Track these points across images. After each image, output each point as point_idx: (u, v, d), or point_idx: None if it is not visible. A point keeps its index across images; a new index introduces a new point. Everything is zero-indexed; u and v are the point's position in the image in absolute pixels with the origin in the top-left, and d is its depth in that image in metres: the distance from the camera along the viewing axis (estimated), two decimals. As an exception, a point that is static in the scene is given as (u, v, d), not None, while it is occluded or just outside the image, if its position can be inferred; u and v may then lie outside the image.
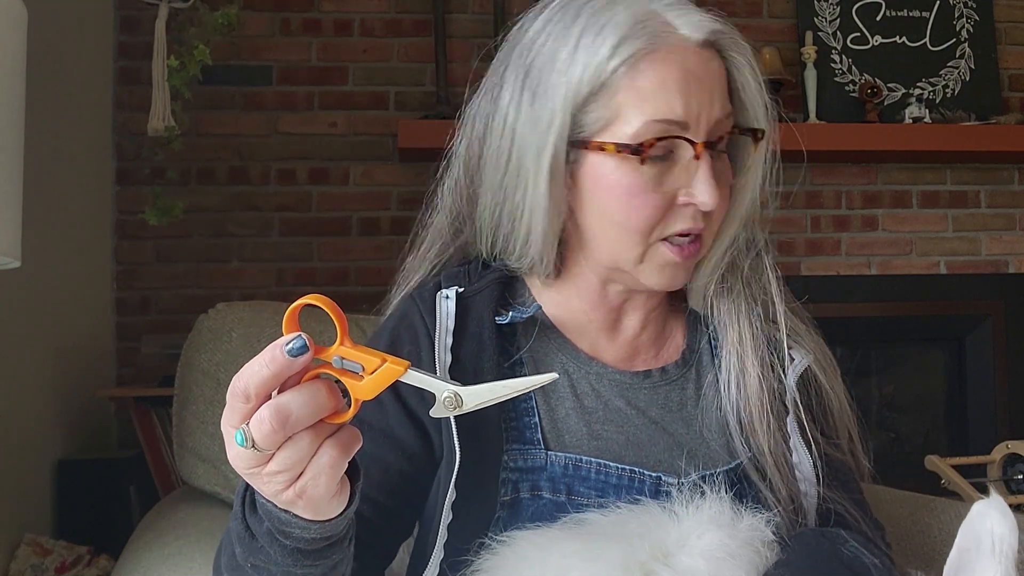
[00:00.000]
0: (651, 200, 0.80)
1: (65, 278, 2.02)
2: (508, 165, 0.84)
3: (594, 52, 0.78)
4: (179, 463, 1.23)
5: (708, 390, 0.89)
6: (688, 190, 0.80)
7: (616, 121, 0.79)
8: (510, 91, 0.84)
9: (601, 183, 0.81)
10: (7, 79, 0.91)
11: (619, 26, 0.78)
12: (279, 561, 0.64)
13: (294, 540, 0.63)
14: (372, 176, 2.48)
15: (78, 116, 2.13)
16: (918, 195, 2.68)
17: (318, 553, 0.65)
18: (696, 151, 0.79)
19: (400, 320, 0.88)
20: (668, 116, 0.78)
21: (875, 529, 0.90)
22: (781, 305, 0.90)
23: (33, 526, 1.75)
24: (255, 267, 2.43)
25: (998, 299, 2.66)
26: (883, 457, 2.73)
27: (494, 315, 0.86)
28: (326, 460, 0.58)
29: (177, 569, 0.97)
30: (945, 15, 2.68)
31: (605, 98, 0.79)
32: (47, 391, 1.89)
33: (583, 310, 0.90)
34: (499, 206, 0.86)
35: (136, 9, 2.27)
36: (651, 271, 0.83)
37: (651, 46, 0.78)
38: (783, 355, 0.89)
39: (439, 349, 0.83)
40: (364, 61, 2.51)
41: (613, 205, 0.81)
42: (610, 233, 0.82)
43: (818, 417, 0.89)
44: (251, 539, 0.65)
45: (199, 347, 1.24)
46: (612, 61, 0.78)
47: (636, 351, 0.91)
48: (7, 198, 0.91)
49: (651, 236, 0.81)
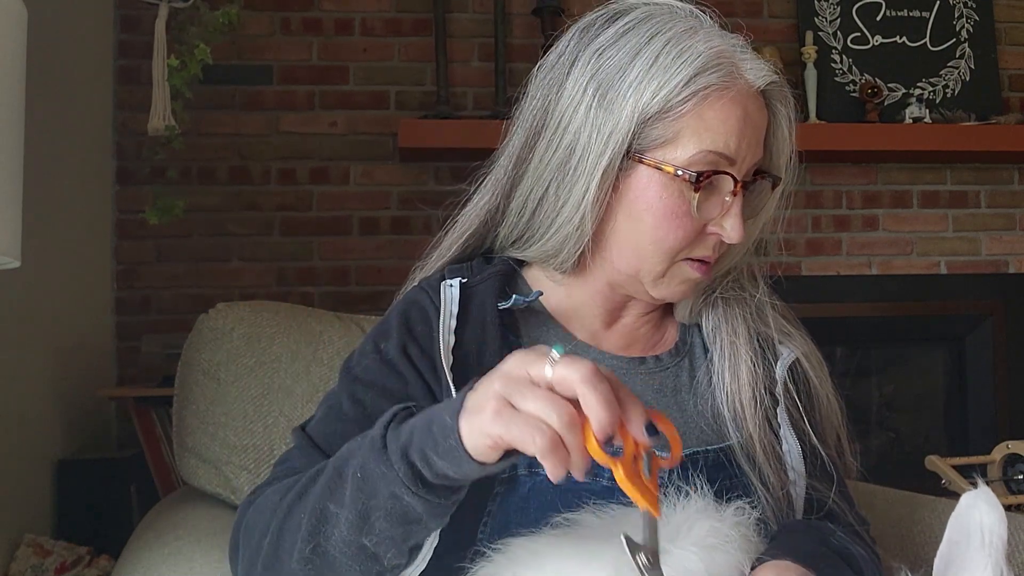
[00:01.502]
0: (687, 224, 0.84)
1: (65, 278, 2.02)
2: (561, 159, 0.87)
3: (671, 76, 0.82)
4: (179, 463, 1.23)
5: (701, 379, 0.92)
6: (720, 222, 0.85)
7: (673, 143, 0.83)
8: (576, 90, 0.86)
9: (645, 197, 0.85)
10: (7, 79, 0.91)
11: (698, 57, 0.82)
12: (404, 500, 0.66)
13: (441, 477, 0.64)
14: (372, 176, 2.48)
15: (78, 116, 2.13)
16: (918, 195, 2.68)
17: (447, 506, 0.68)
18: (735, 189, 0.84)
19: (409, 304, 0.91)
20: (722, 151, 0.83)
21: (860, 523, 0.92)
22: (769, 307, 0.95)
23: (33, 526, 1.75)
24: (255, 267, 2.43)
25: (998, 299, 2.66)
26: (883, 457, 2.73)
27: (496, 301, 0.89)
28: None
29: (177, 569, 0.97)
30: (945, 15, 2.68)
31: (671, 119, 0.83)
32: (47, 391, 1.88)
33: (585, 304, 0.93)
34: (538, 195, 0.89)
35: (136, 9, 2.27)
36: (667, 286, 0.89)
37: (723, 84, 0.83)
38: (774, 350, 0.93)
39: (443, 331, 0.85)
40: (364, 61, 2.51)
41: (652, 221, 0.85)
42: (641, 245, 0.87)
43: (807, 410, 0.92)
44: (382, 471, 0.66)
45: (199, 347, 1.24)
46: (686, 89, 0.82)
47: (633, 341, 0.95)
48: (7, 198, 0.91)
49: (677, 256, 0.87)
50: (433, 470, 0.64)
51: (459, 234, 0.96)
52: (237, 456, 1.19)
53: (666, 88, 0.82)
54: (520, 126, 0.92)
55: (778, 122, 0.89)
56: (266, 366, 1.22)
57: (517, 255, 0.94)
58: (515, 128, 0.93)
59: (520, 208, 0.91)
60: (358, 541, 0.68)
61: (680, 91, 0.82)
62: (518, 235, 0.92)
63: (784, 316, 0.97)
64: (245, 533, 0.78)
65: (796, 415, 0.91)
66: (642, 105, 0.82)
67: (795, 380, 0.92)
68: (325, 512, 0.70)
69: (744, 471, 0.88)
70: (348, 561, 0.70)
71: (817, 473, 0.91)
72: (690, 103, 0.82)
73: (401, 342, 0.87)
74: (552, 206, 0.88)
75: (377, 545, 0.68)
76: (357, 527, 0.68)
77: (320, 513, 0.70)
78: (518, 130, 0.92)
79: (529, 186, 0.90)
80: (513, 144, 0.92)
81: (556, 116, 0.87)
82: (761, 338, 0.93)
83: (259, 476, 1.18)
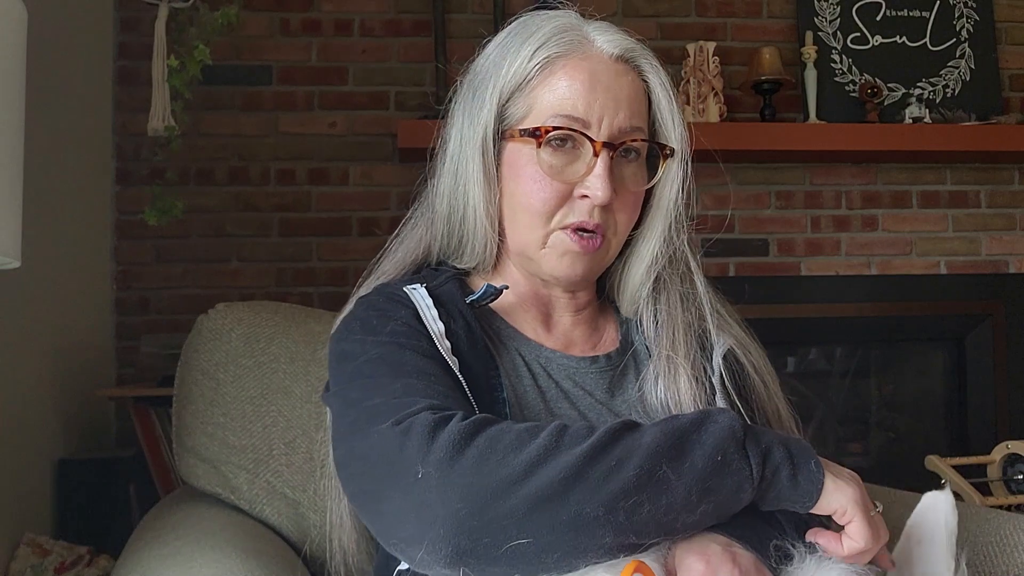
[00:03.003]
0: (550, 186, 0.89)
1: (65, 278, 2.02)
2: (455, 158, 0.94)
3: (519, 53, 0.91)
4: (179, 463, 1.23)
5: (646, 376, 0.95)
6: (584, 183, 0.89)
7: (530, 114, 0.90)
8: (460, 99, 0.96)
9: (513, 169, 0.91)
10: (7, 79, 0.91)
11: (542, 32, 0.91)
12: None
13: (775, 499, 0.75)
14: (372, 176, 2.48)
15: (78, 116, 2.13)
16: (918, 195, 2.68)
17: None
18: (595, 149, 0.88)
19: (379, 299, 0.92)
20: (570, 112, 0.88)
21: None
22: (707, 303, 0.97)
23: (33, 526, 1.75)
24: (254, 267, 2.43)
25: (998, 299, 2.66)
26: (883, 457, 2.73)
27: (464, 297, 0.92)
28: None
29: (177, 569, 0.97)
30: (945, 15, 2.68)
31: (525, 93, 0.90)
32: (47, 391, 1.89)
33: (521, 303, 0.97)
34: (453, 210, 0.95)
35: (136, 9, 2.27)
36: (553, 258, 0.92)
37: (567, 51, 0.90)
38: (710, 343, 0.96)
39: (428, 320, 0.87)
40: (364, 61, 2.51)
41: (518, 188, 0.91)
42: (517, 216, 0.92)
43: (743, 397, 0.94)
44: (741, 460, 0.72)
45: (199, 347, 1.24)
46: (532, 61, 0.90)
47: (571, 342, 0.98)
48: (7, 198, 0.91)
49: (551, 222, 0.90)
50: (778, 492, 0.75)
51: (395, 260, 1.00)
52: (236, 456, 1.19)
53: (516, 63, 0.90)
54: (437, 154, 0.99)
55: (654, 92, 0.93)
56: (265, 366, 1.22)
57: (459, 267, 0.98)
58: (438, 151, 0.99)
59: (445, 226, 0.97)
60: (674, 509, 0.70)
61: (527, 63, 0.90)
62: (452, 251, 0.98)
63: (720, 306, 0.99)
64: (491, 440, 0.70)
65: (731, 401, 0.93)
66: (500, 85, 0.91)
67: (730, 368, 0.95)
68: (655, 473, 0.69)
69: None
70: (643, 524, 0.69)
71: None
72: (538, 74, 0.90)
73: (401, 321, 0.87)
74: (462, 214, 0.94)
75: (677, 520, 0.71)
76: (683, 500, 0.70)
77: (650, 473, 0.69)
78: (436, 159, 0.99)
79: (445, 204, 0.96)
80: (432, 170, 0.99)
81: (450, 126, 0.96)
82: (700, 331, 0.96)
83: (258, 476, 1.18)
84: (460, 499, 0.67)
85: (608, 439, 0.71)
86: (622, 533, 0.68)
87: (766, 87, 2.50)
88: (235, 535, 1.07)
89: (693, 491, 0.70)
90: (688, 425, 0.73)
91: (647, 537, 0.70)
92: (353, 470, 0.78)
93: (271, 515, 1.18)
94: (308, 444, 1.20)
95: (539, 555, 0.67)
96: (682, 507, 0.70)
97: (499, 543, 0.66)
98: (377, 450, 0.74)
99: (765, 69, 2.49)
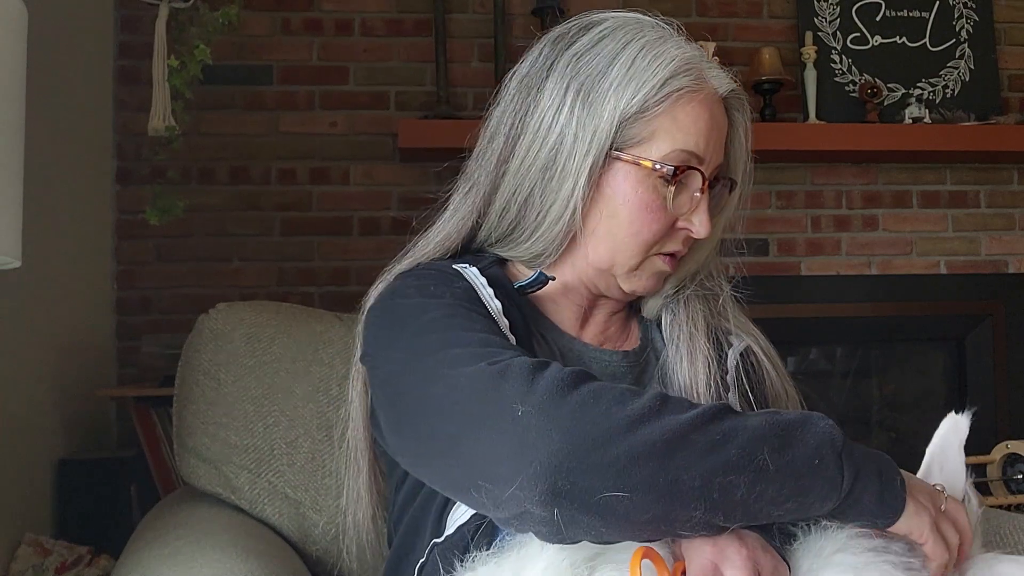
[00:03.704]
0: (661, 218, 0.90)
1: (65, 278, 2.02)
2: (545, 161, 0.90)
3: (648, 78, 0.88)
4: (179, 463, 1.23)
5: (664, 371, 0.96)
6: (688, 217, 0.91)
7: (649, 141, 0.89)
8: (556, 93, 0.91)
9: (623, 192, 0.90)
10: (7, 79, 0.91)
11: (672, 62, 0.89)
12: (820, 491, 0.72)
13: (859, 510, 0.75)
14: (372, 176, 2.48)
15: (78, 116, 2.13)
16: (918, 195, 2.68)
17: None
18: (703, 186, 0.90)
19: (429, 271, 0.92)
20: (693, 149, 0.89)
21: None
22: (731, 301, 1.00)
23: (33, 526, 1.75)
24: (256, 267, 2.43)
25: (998, 299, 2.66)
26: (883, 457, 2.73)
27: (511, 282, 0.94)
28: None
29: (177, 569, 0.97)
30: (945, 15, 2.68)
31: (647, 119, 0.89)
32: (47, 391, 1.88)
33: (562, 295, 0.97)
34: (521, 198, 0.92)
35: (136, 9, 2.27)
36: (639, 279, 0.94)
37: (694, 87, 0.89)
38: (728, 341, 0.99)
39: (486, 298, 0.88)
40: (365, 61, 2.51)
41: (629, 215, 0.90)
42: (618, 239, 0.91)
43: (759, 398, 0.96)
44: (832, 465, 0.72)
45: (200, 347, 1.24)
46: (662, 91, 0.88)
47: (605, 338, 1.00)
48: (7, 198, 0.91)
49: (650, 250, 0.92)
50: (860, 508, 0.75)
51: (440, 238, 0.97)
52: (237, 456, 1.19)
53: (644, 90, 0.88)
54: (497, 131, 0.95)
55: (736, 129, 0.96)
56: (266, 366, 1.22)
57: (502, 254, 0.97)
58: (489, 133, 0.96)
59: (502, 210, 0.94)
60: (764, 498, 0.70)
61: (656, 92, 0.88)
62: (499, 237, 0.96)
63: (741, 312, 1.02)
64: (594, 392, 0.70)
65: (746, 402, 0.94)
66: (622, 105, 0.88)
67: (746, 368, 0.96)
68: (755, 458, 0.69)
69: None
70: (733, 506, 0.69)
71: None
72: (665, 104, 0.88)
73: (463, 288, 0.88)
74: (537, 208, 0.92)
75: (763, 511, 0.71)
76: (775, 492, 0.70)
77: (750, 456, 0.69)
78: (495, 135, 0.95)
79: (511, 189, 0.93)
80: (492, 148, 0.95)
81: (536, 120, 0.91)
82: (718, 331, 0.98)
83: (259, 476, 1.18)
84: (563, 440, 0.66)
85: (712, 414, 0.71)
86: (712, 510, 0.68)
87: (766, 87, 2.50)
88: (236, 535, 1.07)
89: (787, 485, 0.70)
90: (793, 420, 0.73)
91: (733, 520, 0.70)
92: (430, 417, 0.75)
93: (272, 515, 1.18)
94: (310, 444, 1.20)
95: (630, 512, 0.66)
96: (772, 498, 0.70)
97: (596, 490, 0.65)
98: (466, 391, 0.72)
99: (765, 69, 2.49)
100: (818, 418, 0.75)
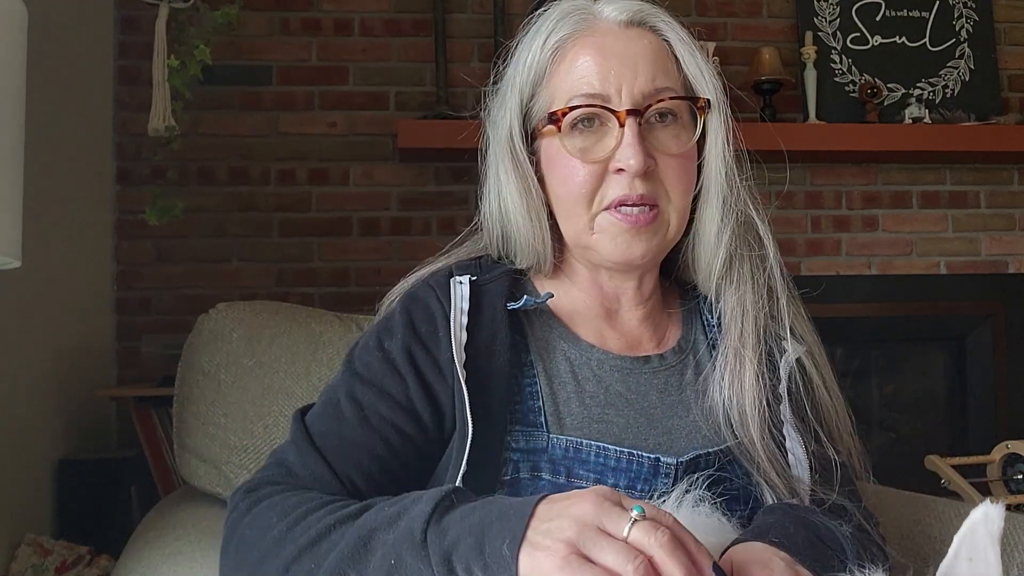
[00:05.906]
0: (581, 168, 0.87)
1: (65, 278, 2.02)
2: (491, 163, 0.93)
3: (531, 46, 0.90)
4: (179, 463, 1.23)
5: (706, 377, 0.92)
6: (616, 156, 0.86)
7: (551, 103, 0.89)
8: (490, 104, 0.95)
9: (549, 163, 0.90)
10: (7, 79, 0.91)
11: (552, 21, 0.90)
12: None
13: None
14: (372, 176, 2.48)
15: (78, 116, 2.13)
16: (918, 195, 2.68)
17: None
18: (619, 119, 0.85)
19: (413, 301, 0.91)
20: (586, 90, 0.86)
21: (868, 519, 0.91)
22: (784, 300, 0.93)
23: (33, 526, 1.75)
24: (255, 267, 2.43)
25: (998, 299, 2.66)
26: (883, 457, 2.73)
27: (506, 302, 0.90)
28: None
29: (177, 569, 0.97)
30: (945, 15, 2.68)
31: (544, 85, 0.89)
32: (47, 391, 1.89)
33: (583, 300, 0.95)
34: (496, 205, 0.94)
35: (136, 9, 2.27)
36: (605, 242, 0.88)
37: (572, 33, 0.88)
38: (779, 346, 0.92)
39: (454, 327, 0.86)
40: (364, 61, 2.51)
41: (554, 179, 0.90)
42: (561, 208, 0.90)
43: (810, 408, 0.92)
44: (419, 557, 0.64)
45: (199, 347, 1.24)
46: (544, 51, 0.89)
47: (639, 340, 0.95)
48: (7, 198, 0.91)
49: (592, 205, 0.88)
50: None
51: (463, 251, 0.99)
52: (237, 456, 1.19)
53: (530, 57, 0.90)
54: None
55: (674, 47, 0.90)
56: (266, 367, 1.22)
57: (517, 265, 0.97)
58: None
59: (495, 228, 0.95)
60: None
61: (539, 54, 0.89)
62: (506, 252, 0.97)
63: (798, 310, 0.96)
64: (240, 544, 0.76)
65: (799, 414, 0.90)
66: (519, 83, 0.90)
67: (799, 378, 0.91)
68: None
69: (748, 472, 0.88)
70: None
71: (822, 471, 0.89)
72: (551, 63, 0.89)
73: (405, 343, 0.87)
74: (504, 208, 0.92)
75: None
76: None
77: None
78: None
79: (490, 208, 0.95)
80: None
81: (485, 136, 0.95)
82: (769, 334, 0.92)
83: (259, 476, 1.18)
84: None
85: (314, 535, 0.71)
86: None
87: (766, 87, 2.51)
88: (236, 535, 1.06)
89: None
90: (373, 519, 0.69)
91: None
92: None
93: (272, 515, 1.18)
94: (309, 444, 1.20)
95: None
96: None
97: None
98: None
99: (765, 69, 2.49)
100: (414, 504, 0.67)
